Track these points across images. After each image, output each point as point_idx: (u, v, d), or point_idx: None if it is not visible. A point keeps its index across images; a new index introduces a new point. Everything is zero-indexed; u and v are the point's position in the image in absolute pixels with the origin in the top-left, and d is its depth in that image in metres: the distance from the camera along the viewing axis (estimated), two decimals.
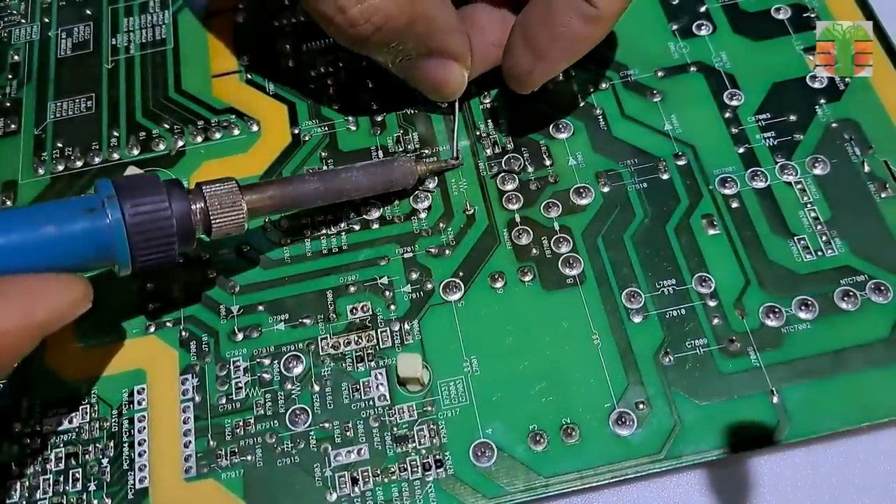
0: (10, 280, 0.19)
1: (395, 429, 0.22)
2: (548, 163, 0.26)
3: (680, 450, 0.21)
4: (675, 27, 0.29)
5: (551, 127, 0.27)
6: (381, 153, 0.27)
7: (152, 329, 0.24)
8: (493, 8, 0.26)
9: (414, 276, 0.24)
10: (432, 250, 0.25)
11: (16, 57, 0.30)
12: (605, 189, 0.26)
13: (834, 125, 0.26)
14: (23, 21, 0.31)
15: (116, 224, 0.20)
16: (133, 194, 0.21)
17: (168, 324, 0.24)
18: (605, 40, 0.28)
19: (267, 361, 0.23)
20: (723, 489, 0.22)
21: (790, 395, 0.22)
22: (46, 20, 0.31)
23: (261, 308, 0.24)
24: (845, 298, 0.23)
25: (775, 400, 0.22)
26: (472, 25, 0.26)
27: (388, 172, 0.25)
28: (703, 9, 0.29)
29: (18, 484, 0.22)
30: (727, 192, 0.25)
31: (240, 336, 0.24)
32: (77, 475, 0.22)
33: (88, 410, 0.23)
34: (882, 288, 0.23)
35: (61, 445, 0.23)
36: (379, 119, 0.28)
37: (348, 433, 0.22)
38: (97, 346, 0.24)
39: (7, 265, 0.19)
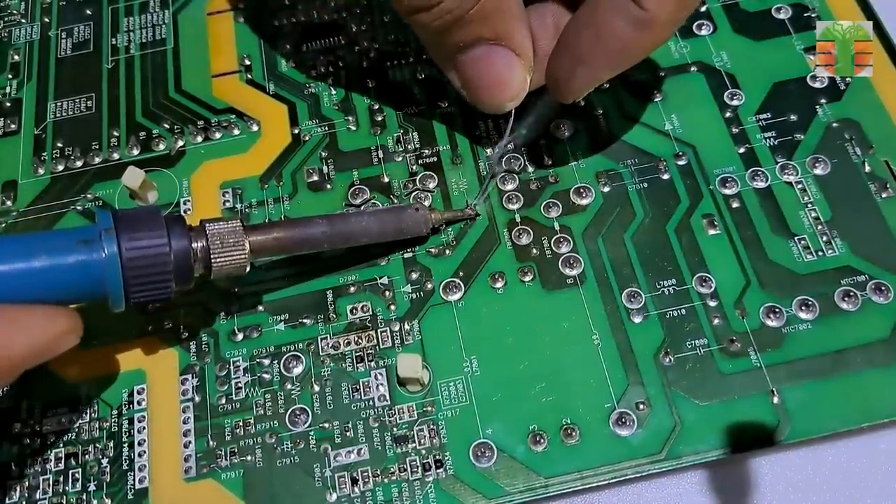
0: None
1: (395, 429, 0.22)
2: (548, 163, 0.26)
3: (680, 450, 0.21)
4: None
5: (552, 127, 0.27)
6: (381, 153, 0.27)
7: (152, 329, 0.24)
8: (545, 15, 0.24)
9: (414, 276, 0.24)
10: (432, 250, 0.25)
11: (16, 57, 0.30)
12: (606, 189, 0.26)
13: (834, 125, 0.26)
14: (23, 21, 0.31)
15: (111, 258, 0.20)
16: (132, 228, 0.20)
17: (168, 324, 0.24)
18: None
19: (267, 361, 0.23)
20: (723, 489, 0.22)
21: (791, 395, 0.22)
22: (47, 20, 0.31)
23: (261, 308, 0.24)
24: (846, 299, 0.23)
25: (776, 400, 0.22)
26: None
27: (399, 219, 0.24)
28: (703, 8, 0.29)
29: (18, 484, 0.22)
30: (727, 191, 0.25)
31: (240, 336, 0.24)
32: (77, 475, 0.22)
33: (88, 410, 0.23)
34: (882, 288, 0.23)
35: (61, 446, 0.23)
36: (379, 119, 0.28)
37: (348, 433, 0.22)
38: (97, 346, 0.24)
39: None
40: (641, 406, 0.22)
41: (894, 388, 0.22)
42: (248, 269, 0.22)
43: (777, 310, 0.23)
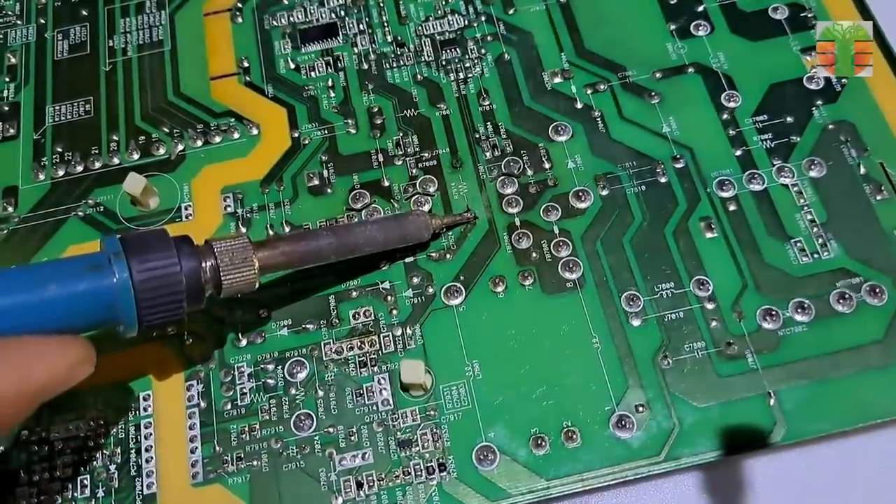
0: (7, 342, 0.18)
1: (398, 433, 0.23)
2: (547, 166, 0.26)
3: (679, 452, 0.22)
4: (672, 27, 0.29)
5: (550, 129, 0.27)
6: (380, 156, 0.27)
7: (157, 335, 0.24)
8: None
9: (415, 280, 0.25)
10: (433, 255, 0.25)
11: (12, 59, 0.30)
12: (604, 192, 0.26)
13: (830, 127, 0.26)
14: (18, 22, 0.31)
15: (123, 283, 0.20)
16: (141, 251, 0.20)
17: (172, 330, 0.24)
18: (604, 40, 0.29)
19: (271, 367, 0.24)
20: (721, 491, 0.22)
21: (787, 397, 0.22)
22: (42, 21, 0.31)
23: (264, 314, 0.24)
24: (841, 301, 0.24)
25: (772, 402, 0.22)
26: None
27: (402, 227, 0.24)
28: (700, 8, 0.29)
29: (27, 491, 0.22)
30: (724, 194, 0.25)
31: (244, 342, 0.24)
32: (85, 482, 0.22)
33: (95, 417, 0.23)
34: (877, 290, 0.24)
35: (69, 452, 0.23)
36: (378, 122, 0.28)
37: (353, 438, 0.23)
38: (103, 353, 0.24)
39: (6, 326, 0.19)
40: (641, 408, 0.22)
41: (889, 389, 0.22)
42: (257, 285, 0.22)
43: (773, 312, 0.23)
